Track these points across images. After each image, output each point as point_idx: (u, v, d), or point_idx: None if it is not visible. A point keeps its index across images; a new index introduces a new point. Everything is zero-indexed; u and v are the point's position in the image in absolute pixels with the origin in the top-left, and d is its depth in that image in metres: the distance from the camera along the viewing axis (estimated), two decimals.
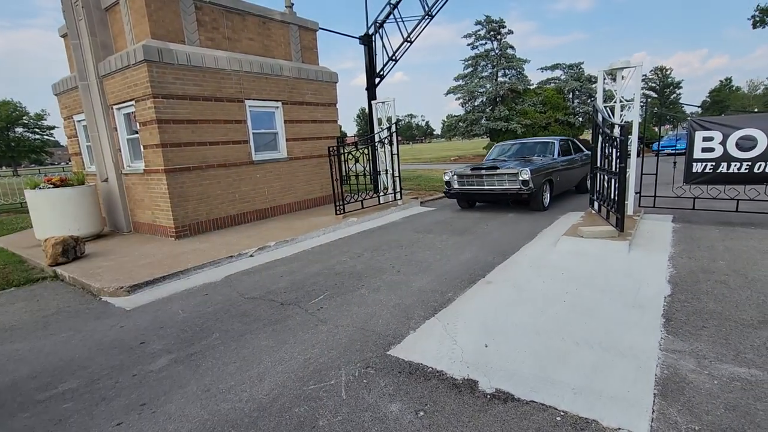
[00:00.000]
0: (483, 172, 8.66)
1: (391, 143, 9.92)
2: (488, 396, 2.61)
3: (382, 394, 2.70)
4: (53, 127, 51.05)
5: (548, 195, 8.86)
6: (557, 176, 9.07)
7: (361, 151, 9.34)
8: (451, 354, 3.13)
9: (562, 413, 2.40)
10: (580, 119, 33.58)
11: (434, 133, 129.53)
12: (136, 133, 7.78)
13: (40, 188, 7.42)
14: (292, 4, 10.14)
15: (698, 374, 2.68)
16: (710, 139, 6.28)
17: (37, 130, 50.25)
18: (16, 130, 48.81)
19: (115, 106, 8.05)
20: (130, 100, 7.57)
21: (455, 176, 9.17)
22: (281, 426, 2.47)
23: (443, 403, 2.57)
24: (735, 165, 6.16)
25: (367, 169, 10.03)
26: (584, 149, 10.91)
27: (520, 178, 8.10)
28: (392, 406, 2.57)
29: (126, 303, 4.80)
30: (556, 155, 9.43)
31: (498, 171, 8.43)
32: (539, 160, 9.03)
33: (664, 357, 2.90)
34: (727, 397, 2.43)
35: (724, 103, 60.18)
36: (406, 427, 2.38)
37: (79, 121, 9.41)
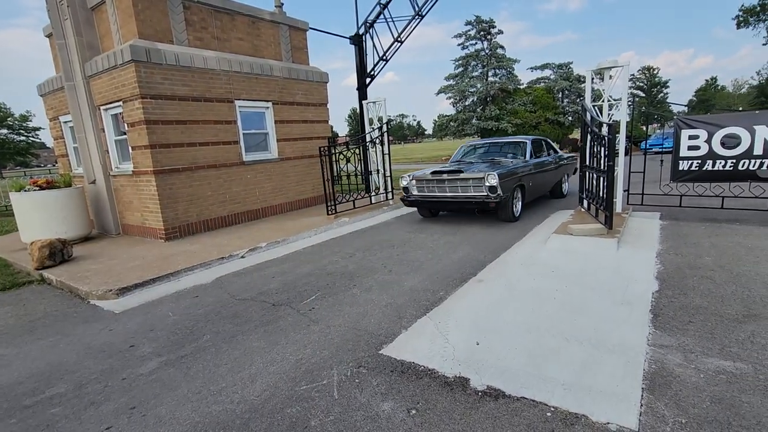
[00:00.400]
0: (445, 176, 7.53)
1: (382, 143, 9.93)
2: (480, 393, 2.63)
3: (375, 393, 2.70)
4: (39, 129, 50.15)
5: (519, 203, 7.83)
6: (530, 181, 8.04)
7: (352, 151, 9.33)
8: (443, 352, 3.14)
9: (552, 409, 2.43)
10: (570, 118, 33.91)
11: (425, 132, 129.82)
12: (124, 134, 7.69)
13: (25, 191, 7.30)
14: (282, 4, 10.10)
15: (685, 368, 2.72)
16: (696, 137, 6.38)
17: (22, 131, 49.34)
18: (1, 132, 47.88)
19: (102, 107, 7.94)
20: (118, 101, 7.48)
21: (414, 181, 8.00)
22: (273, 427, 2.46)
23: (435, 401, 2.59)
24: (720, 162, 6.27)
25: (359, 169, 10.02)
26: (558, 150, 10.18)
27: (487, 184, 7.00)
28: (384, 405, 2.58)
29: (115, 306, 4.74)
30: (528, 157, 8.42)
31: (462, 175, 7.31)
32: (509, 163, 8.05)
33: (652, 352, 2.95)
34: (712, 390, 2.48)
35: (710, 102, 61.19)
36: (398, 426, 2.38)
37: (65, 122, 9.27)
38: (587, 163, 7.00)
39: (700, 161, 6.42)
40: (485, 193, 7.10)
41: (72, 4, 7.57)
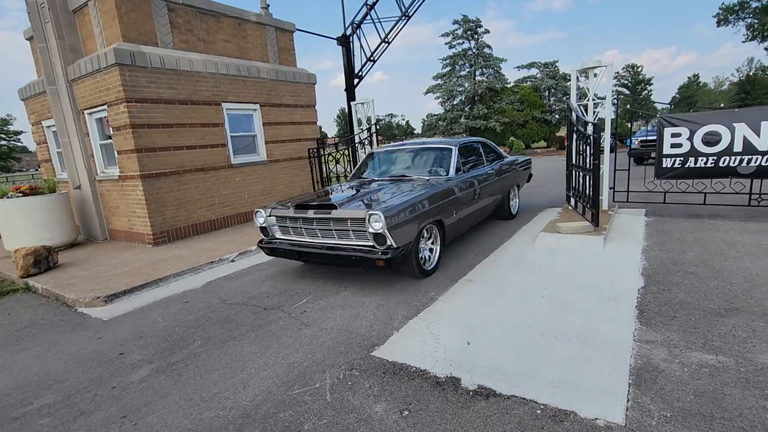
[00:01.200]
0: (311, 213, 4.78)
1: (371, 144, 9.94)
2: (471, 393, 2.66)
3: (367, 396, 2.72)
4: (20, 132, 49.08)
5: (436, 247, 5.14)
6: (453, 210, 5.30)
7: (341, 152, 9.33)
8: (435, 353, 3.18)
9: (541, 406, 2.47)
10: (557, 116, 34.30)
11: (414, 132, 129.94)
12: (110, 138, 7.58)
13: (8, 197, 7.16)
14: (268, 5, 10.05)
15: (669, 363, 2.79)
16: (678, 135, 6.51)
17: (2, 135, 48.24)
18: None
19: (86, 111, 7.82)
20: (102, 105, 7.37)
21: (274, 218, 5.22)
22: None
23: (427, 401, 2.61)
24: (702, 159, 6.41)
25: (348, 170, 10.02)
26: (503, 155, 7.53)
27: (371, 230, 4.24)
28: (377, 407, 2.60)
29: (103, 313, 4.68)
30: (452, 172, 5.67)
31: (335, 213, 4.59)
32: (422, 184, 5.31)
33: (638, 348, 3.01)
34: (696, 384, 2.55)
35: (692, 99, 62.36)
36: (391, 427, 2.40)
37: (48, 126, 9.10)
38: (573, 161, 7.10)
39: (682, 158, 6.55)
40: (370, 244, 4.40)
41: (53, 7, 7.44)
